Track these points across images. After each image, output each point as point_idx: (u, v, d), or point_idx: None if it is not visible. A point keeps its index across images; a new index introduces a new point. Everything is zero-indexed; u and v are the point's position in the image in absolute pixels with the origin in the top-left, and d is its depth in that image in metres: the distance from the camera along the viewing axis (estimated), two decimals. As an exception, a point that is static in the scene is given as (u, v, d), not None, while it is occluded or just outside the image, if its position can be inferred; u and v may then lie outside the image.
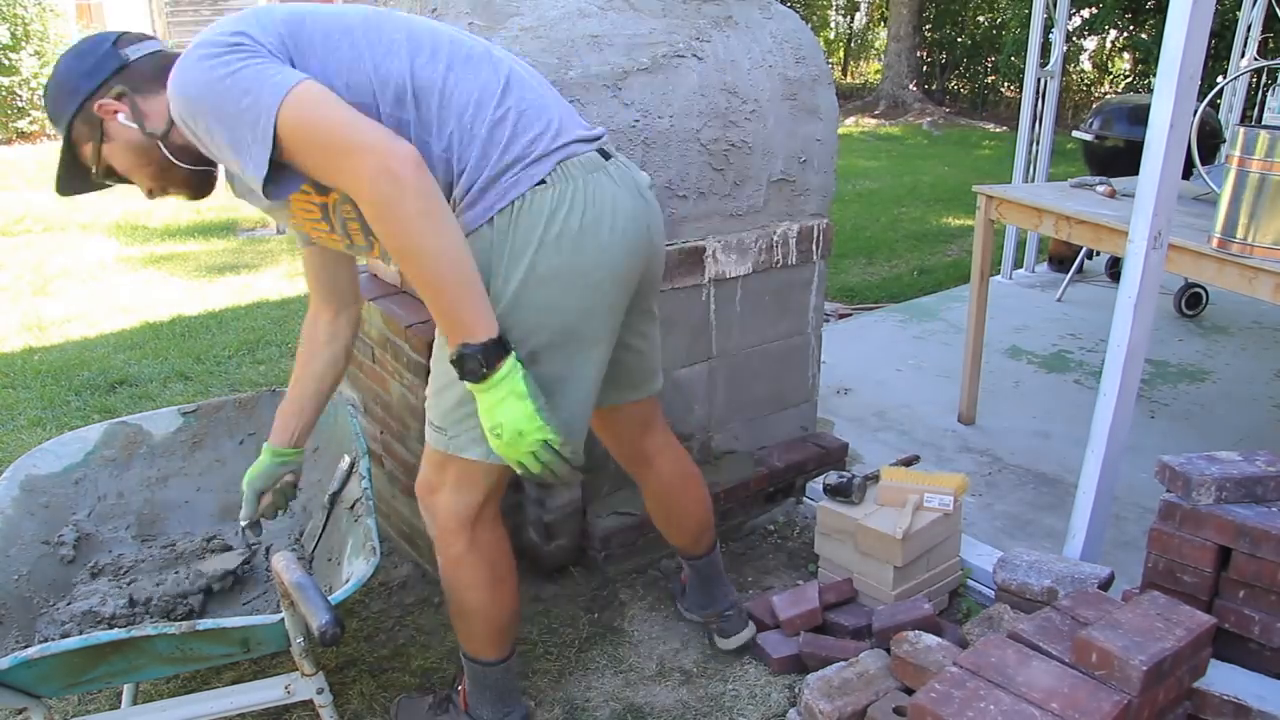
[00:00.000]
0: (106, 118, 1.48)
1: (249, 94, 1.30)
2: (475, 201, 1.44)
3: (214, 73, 1.31)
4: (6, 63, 10.10)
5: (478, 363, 1.36)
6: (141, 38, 1.51)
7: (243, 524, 1.84)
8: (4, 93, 10.16)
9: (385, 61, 1.41)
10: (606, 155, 1.55)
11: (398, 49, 1.42)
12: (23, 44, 10.26)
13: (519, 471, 1.47)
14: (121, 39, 1.49)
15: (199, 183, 1.56)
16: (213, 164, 1.52)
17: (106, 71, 1.46)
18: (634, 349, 1.75)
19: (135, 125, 1.47)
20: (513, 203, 1.43)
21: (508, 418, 1.40)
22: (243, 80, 1.30)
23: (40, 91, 10.37)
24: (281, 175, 1.35)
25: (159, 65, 1.46)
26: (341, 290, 1.79)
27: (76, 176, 1.56)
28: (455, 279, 1.35)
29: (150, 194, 1.57)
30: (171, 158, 1.50)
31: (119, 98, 1.47)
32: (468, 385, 1.41)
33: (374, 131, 1.32)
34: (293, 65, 1.36)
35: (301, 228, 1.62)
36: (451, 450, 1.58)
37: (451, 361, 1.38)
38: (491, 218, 1.43)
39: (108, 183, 1.58)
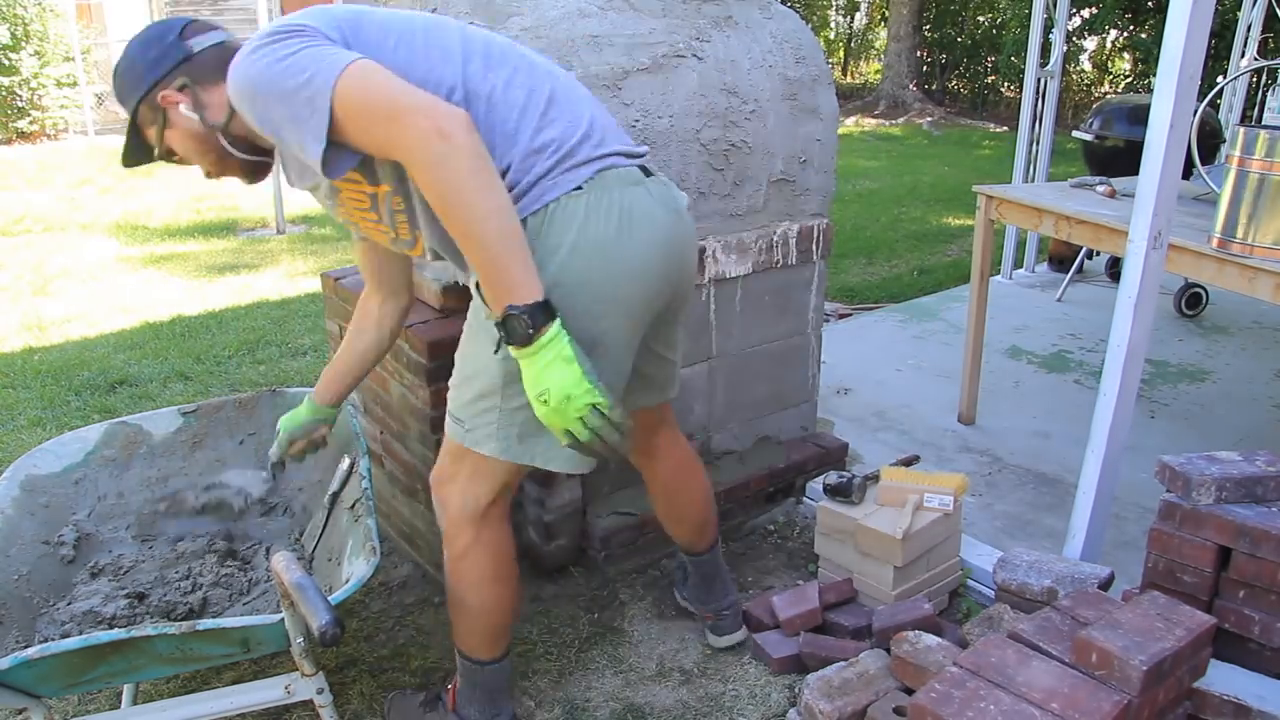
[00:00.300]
0: (169, 107, 1.51)
1: (306, 71, 1.33)
2: (514, 202, 1.43)
3: (273, 55, 1.35)
4: (6, 63, 10.09)
5: (524, 324, 1.33)
6: (208, 27, 1.54)
7: (271, 460, 1.95)
8: (4, 93, 10.16)
9: (439, 67, 1.44)
10: (647, 173, 1.57)
11: (452, 55, 1.46)
12: (23, 44, 10.26)
13: (566, 443, 1.40)
14: (188, 28, 1.52)
15: (254, 170, 1.60)
16: (269, 153, 1.57)
17: (170, 62, 1.49)
18: (660, 359, 1.78)
19: (196, 116, 1.51)
20: (546, 205, 1.45)
21: (555, 382, 1.36)
22: (301, 60, 1.34)
23: (40, 92, 10.40)
24: (338, 154, 1.38)
25: (221, 57, 1.48)
26: (390, 281, 1.85)
27: (140, 152, 1.59)
28: (504, 238, 1.34)
29: (208, 175, 1.61)
30: (229, 147, 1.54)
31: (181, 89, 1.50)
32: (514, 353, 1.37)
33: (425, 96, 1.34)
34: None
35: (351, 218, 1.63)
36: (468, 444, 1.60)
37: (497, 325, 1.36)
38: (525, 219, 1.43)
39: (169, 161, 1.61)
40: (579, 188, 1.46)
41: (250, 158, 1.56)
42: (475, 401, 1.58)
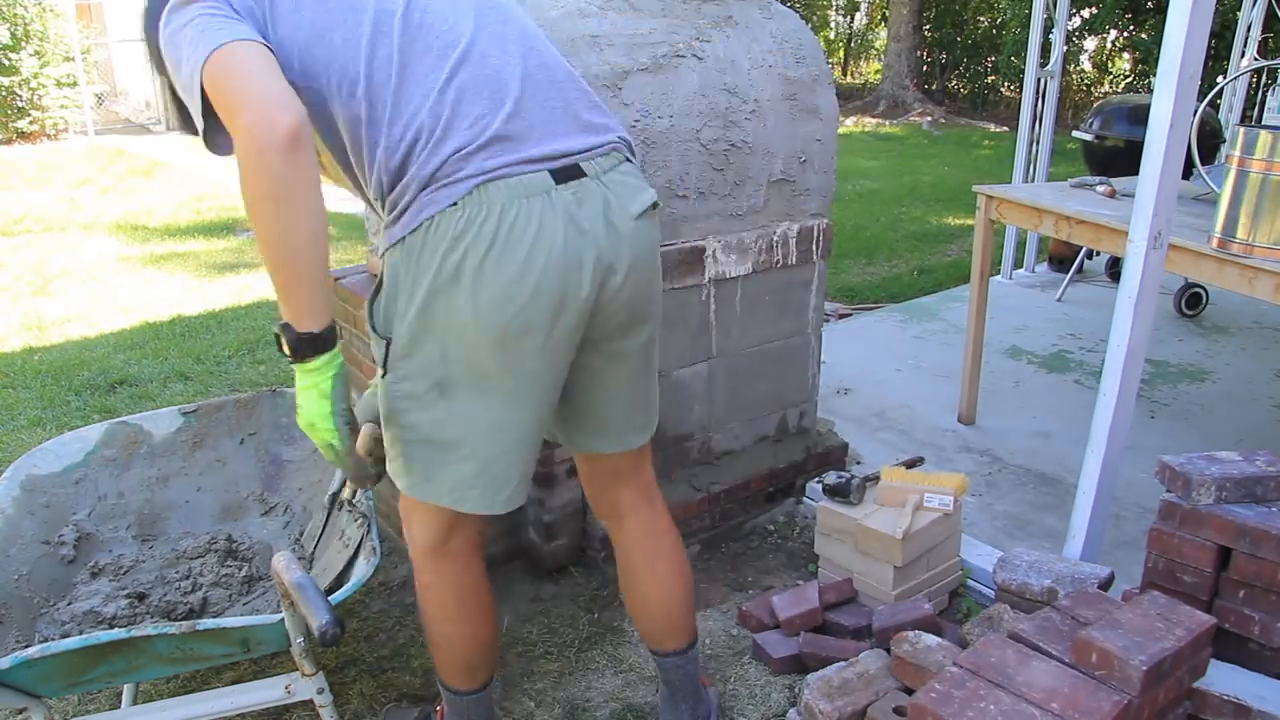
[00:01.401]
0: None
1: (191, 48, 1.26)
2: (398, 218, 1.34)
3: (175, 21, 1.29)
4: (6, 63, 10.10)
5: (291, 347, 1.32)
6: None
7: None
8: (4, 93, 10.16)
9: (345, 50, 1.32)
10: (571, 176, 1.37)
11: (361, 35, 1.33)
12: (23, 44, 10.26)
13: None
14: None
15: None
16: None
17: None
18: (591, 394, 1.57)
19: None
20: (423, 224, 1.31)
21: (306, 408, 1.36)
22: (189, 33, 1.27)
23: (40, 92, 10.40)
24: (221, 133, 1.29)
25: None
26: None
27: (185, 116, 1.42)
28: (290, 265, 1.27)
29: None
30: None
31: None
32: (291, 359, 1.34)
33: (262, 93, 1.23)
34: (264, 31, 1.31)
35: None
36: (401, 487, 1.51)
37: (274, 330, 1.33)
38: (404, 237, 1.33)
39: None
40: (454, 204, 1.30)
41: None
42: (391, 446, 1.48)
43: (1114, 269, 5.02)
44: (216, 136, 1.30)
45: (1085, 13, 12.26)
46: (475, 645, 1.66)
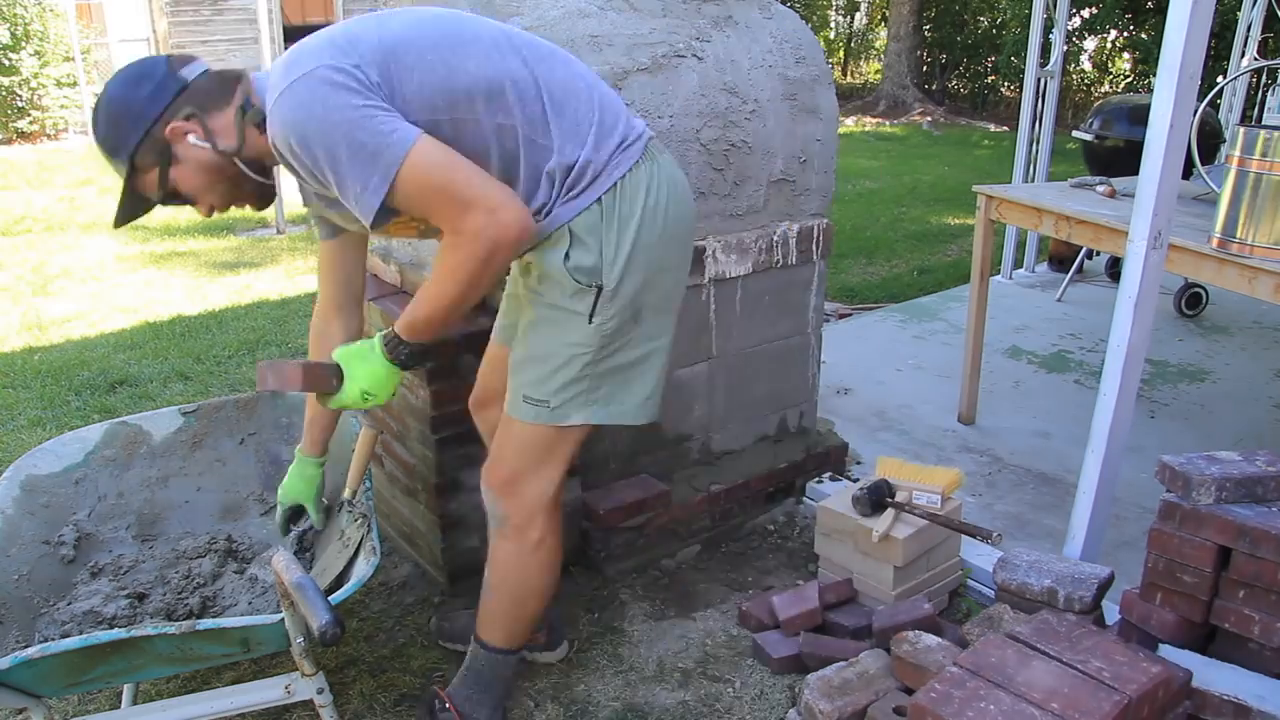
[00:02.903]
0: (176, 140, 1.49)
1: (367, 147, 1.39)
2: (587, 186, 1.56)
3: (336, 111, 1.38)
4: (6, 63, 10.10)
5: (413, 358, 1.61)
6: (189, 59, 1.53)
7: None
8: (4, 93, 10.16)
9: (483, 67, 1.50)
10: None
11: (487, 54, 1.52)
12: (23, 44, 10.26)
13: (354, 406, 1.64)
14: (173, 61, 1.51)
15: (266, 193, 1.62)
16: (271, 174, 1.59)
17: (170, 93, 1.48)
18: None
19: (208, 145, 1.50)
20: (615, 184, 1.57)
21: (384, 388, 1.63)
22: (363, 128, 1.39)
23: (40, 92, 10.39)
24: (384, 212, 1.45)
25: (218, 82, 1.52)
26: (351, 292, 1.85)
27: (136, 205, 1.57)
28: (455, 316, 1.56)
29: (210, 212, 1.60)
30: (248, 171, 1.54)
31: (188, 119, 1.49)
32: (388, 364, 1.60)
33: (495, 194, 1.45)
34: (393, 96, 1.43)
35: (399, 231, 1.65)
36: (554, 420, 1.66)
37: (389, 344, 1.59)
38: (600, 197, 1.56)
39: (169, 205, 1.59)
40: (637, 162, 1.60)
41: (263, 180, 1.58)
42: (561, 374, 1.64)
43: (1114, 269, 5.02)
44: (383, 213, 1.45)
45: (1085, 13, 12.26)
46: (550, 597, 1.85)
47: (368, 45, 1.44)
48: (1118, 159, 4.30)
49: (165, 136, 1.48)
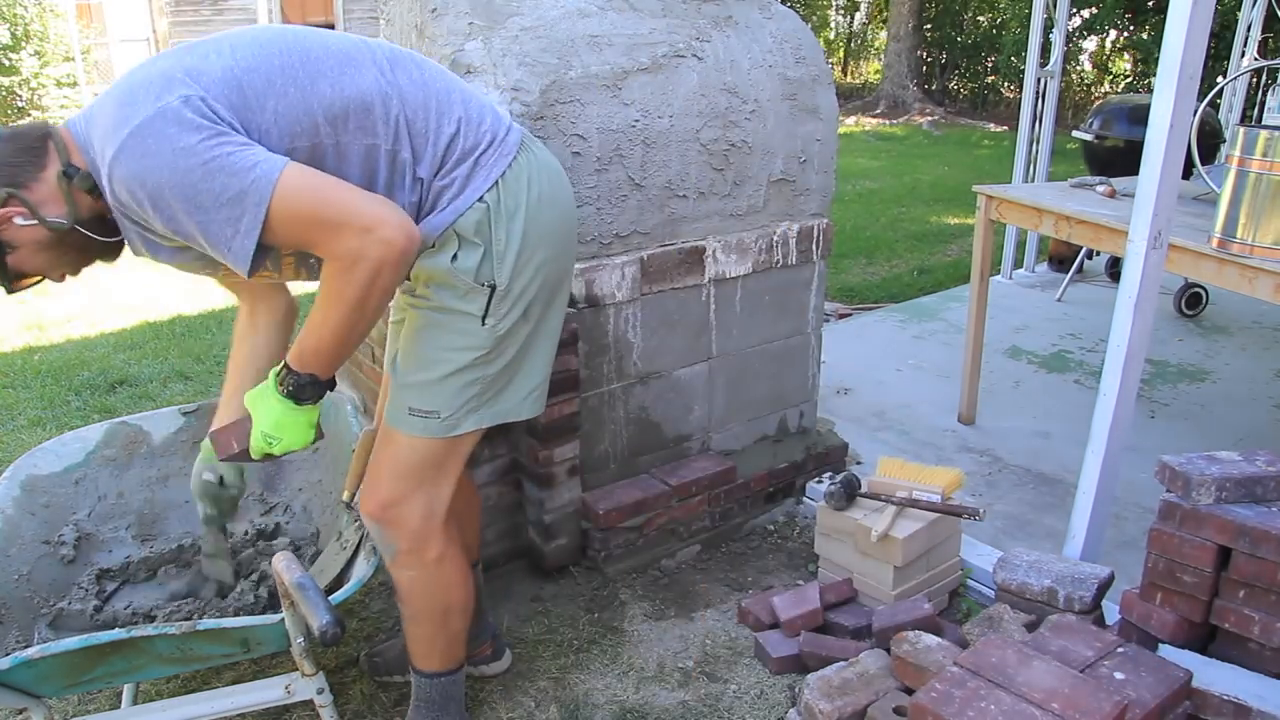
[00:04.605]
0: (3, 228, 1.36)
1: (230, 189, 1.29)
2: (464, 187, 1.51)
3: (188, 155, 1.27)
4: (6, 63, 10.10)
5: (309, 391, 1.47)
6: None
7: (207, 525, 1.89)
8: (4, 93, 10.16)
9: (338, 87, 1.41)
10: None
11: (341, 71, 1.43)
12: (23, 44, 10.26)
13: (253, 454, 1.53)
14: None
15: (116, 249, 1.50)
16: (116, 228, 1.43)
17: None
18: None
19: (36, 222, 1.37)
20: (495, 182, 1.53)
21: (291, 435, 1.50)
22: (223, 168, 1.28)
23: (40, 92, 10.40)
24: (258, 254, 1.35)
25: (22, 149, 1.37)
26: (256, 290, 1.78)
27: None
28: (351, 345, 1.45)
29: (62, 279, 1.50)
30: (92, 235, 1.42)
31: (5, 203, 1.36)
32: (284, 400, 1.47)
33: (376, 212, 1.35)
34: (247, 129, 1.34)
35: (268, 276, 1.57)
36: (446, 432, 1.60)
37: (280, 378, 1.46)
38: (483, 195, 1.51)
39: (18, 289, 1.48)
40: (515, 156, 1.55)
41: (111, 239, 1.44)
42: (452, 381, 1.57)
43: (1114, 269, 5.02)
44: (258, 256, 1.35)
45: (1085, 13, 12.26)
46: (474, 605, 1.79)
47: (211, 78, 1.33)
48: (1118, 159, 4.30)
49: None
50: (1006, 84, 14.55)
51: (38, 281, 1.50)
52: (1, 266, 1.41)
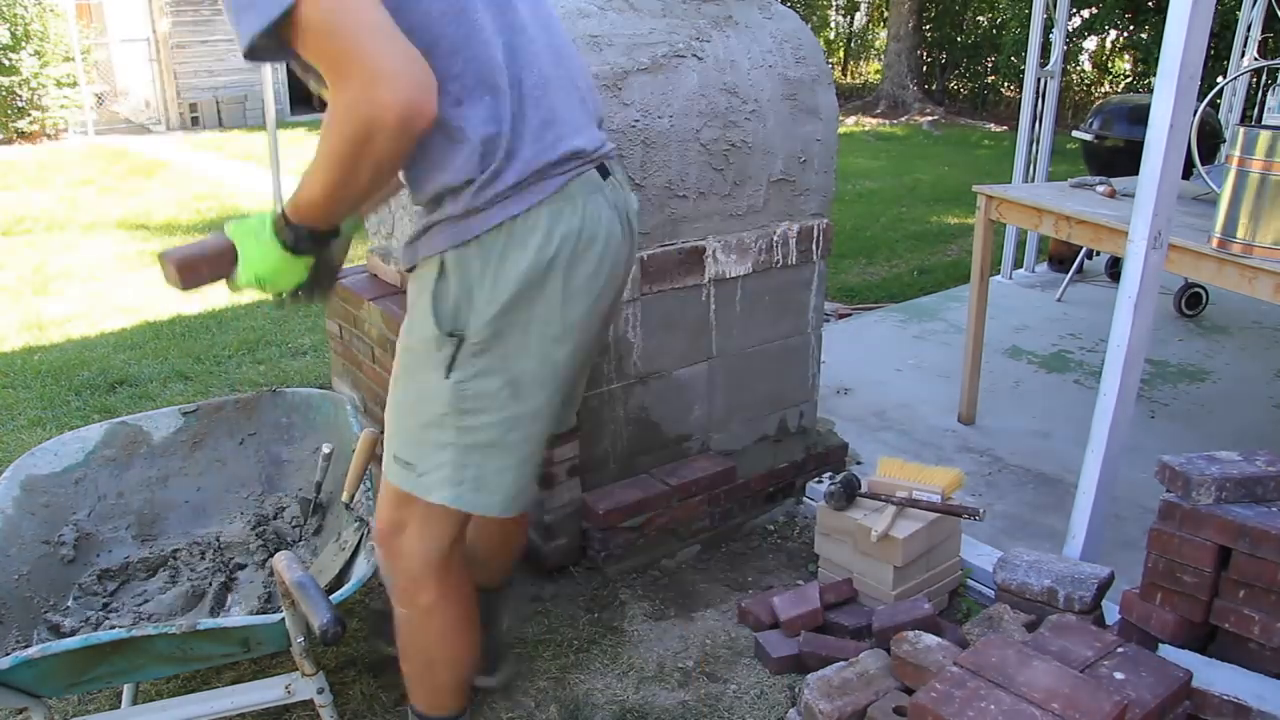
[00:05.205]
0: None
1: None
2: (465, 217, 1.33)
3: None
4: (6, 63, 10.10)
5: (306, 244, 1.32)
6: None
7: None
8: (4, 93, 10.16)
9: (447, 26, 1.24)
10: (605, 172, 1.44)
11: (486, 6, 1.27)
12: (23, 44, 10.27)
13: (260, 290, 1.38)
14: None
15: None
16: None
17: None
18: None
19: None
20: (504, 222, 1.33)
21: (283, 280, 1.36)
22: None
23: (40, 92, 10.40)
24: (269, 46, 1.17)
25: None
26: None
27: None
28: (340, 201, 1.26)
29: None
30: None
31: None
32: (281, 246, 1.32)
33: (398, 65, 1.14)
34: None
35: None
36: (418, 492, 1.46)
37: (276, 224, 1.31)
38: (479, 235, 1.33)
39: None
40: (539, 201, 1.34)
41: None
42: (430, 435, 1.42)
43: (1114, 269, 5.02)
44: (269, 46, 1.17)
45: (1085, 13, 12.25)
46: (475, 654, 1.67)
47: None
48: (1118, 159, 4.30)
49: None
50: (1006, 84, 14.54)
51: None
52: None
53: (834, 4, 18.73)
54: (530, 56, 1.34)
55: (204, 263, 1.41)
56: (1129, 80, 13.85)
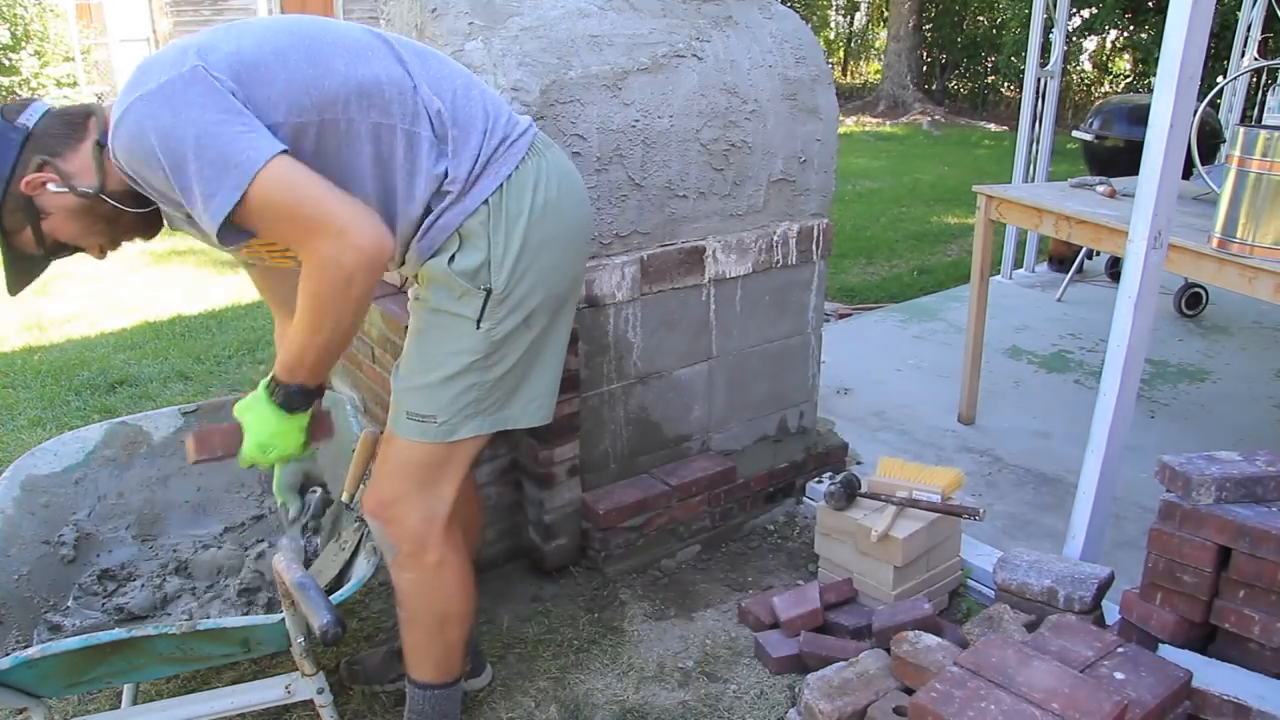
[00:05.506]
0: (36, 194, 1.41)
1: (222, 155, 1.30)
2: (473, 186, 1.51)
3: (189, 109, 1.30)
4: (6, 63, 10.10)
5: (299, 400, 1.50)
6: (24, 104, 1.44)
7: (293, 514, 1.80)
8: (4, 93, 10.16)
9: (353, 66, 1.42)
10: None
11: (357, 54, 1.44)
12: (23, 44, 10.26)
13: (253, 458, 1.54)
14: (7, 111, 1.42)
15: (151, 222, 1.53)
16: (152, 202, 1.47)
17: (15, 147, 1.39)
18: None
19: (67, 190, 1.42)
20: (501, 184, 1.52)
21: (283, 442, 1.53)
22: (218, 134, 1.30)
23: (40, 92, 10.39)
24: (233, 231, 1.37)
25: (63, 122, 1.43)
26: (292, 300, 1.75)
27: (28, 266, 1.49)
28: (332, 352, 1.46)
29: (102, 253, 1.52)
30: (120, 205, 1.45)
31: (41, 168, 1.41)
32: (276, 410, 1.50)
33: (351, 217, 1.36)
34: (251, 101, 1.35)
35: (255, 254, 1.61)
36: (444, 438, 1.59)
37: (271, 389, 1.49)
38: (486, 199, 1.51)
39: (59, 257, 1.52)
40: (523, 158, 1.55)
41: (142, 210, 1.47)
42: (450, 386, 1.56)
43: (1114, 269, 5.02)
44: (233, 232, 1.38)
45: (1085, 13, 12.25)
46: (473, 616, 1.78)
47: (221, 54, 1.35)
48: (1118, 159, 4.30)
49: (24, 192, 1.40)
50: (1006, 84, 14.56)
51: (73, 251, 1.52)
52: (37, 232, 1.45)
53: (834, 4, 18.74)
54: (444, 80, 1.52)
55: (217, 434, 1.60)
56: (1129, 80, 13.85)
